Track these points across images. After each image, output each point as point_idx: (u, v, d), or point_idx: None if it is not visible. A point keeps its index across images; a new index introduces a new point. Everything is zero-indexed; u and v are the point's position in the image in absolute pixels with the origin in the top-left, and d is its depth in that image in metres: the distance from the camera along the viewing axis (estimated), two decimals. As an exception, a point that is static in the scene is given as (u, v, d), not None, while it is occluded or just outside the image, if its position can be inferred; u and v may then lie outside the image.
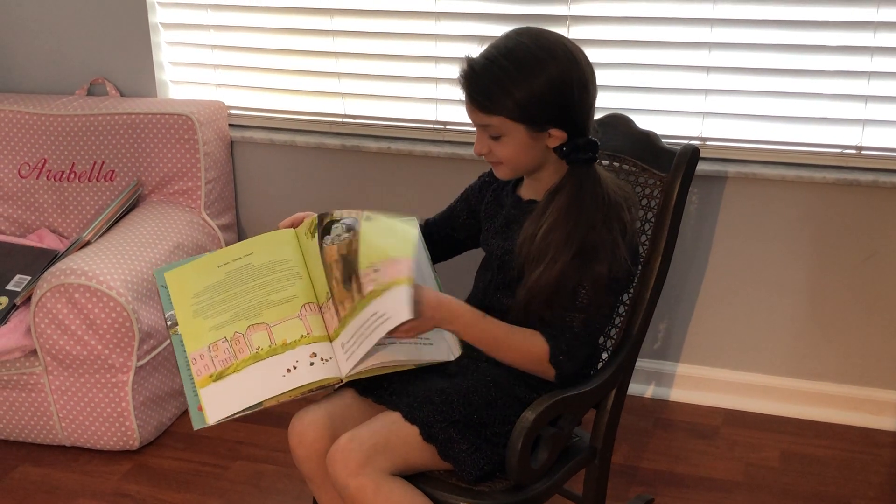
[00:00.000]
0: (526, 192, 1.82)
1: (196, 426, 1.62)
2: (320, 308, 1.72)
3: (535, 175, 1.77)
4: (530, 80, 1.63)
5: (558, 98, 1.66)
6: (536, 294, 1.67)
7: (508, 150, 1.70)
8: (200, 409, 1.63)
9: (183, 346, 1.68)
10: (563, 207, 1.68)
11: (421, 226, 1.98)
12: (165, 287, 1.74)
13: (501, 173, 1.77)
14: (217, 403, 1.63)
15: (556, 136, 1.69)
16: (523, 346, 1.69)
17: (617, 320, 1.89)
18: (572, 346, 1.69)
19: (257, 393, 1.64)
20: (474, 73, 1.67)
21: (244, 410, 1.63)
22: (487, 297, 1.83)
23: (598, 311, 1.69)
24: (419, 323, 1.61)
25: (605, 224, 1.67)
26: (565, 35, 1.74)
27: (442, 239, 1.97)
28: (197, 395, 1.64)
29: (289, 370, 1.66)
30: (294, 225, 1.84)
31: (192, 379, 1.65)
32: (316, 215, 1.78)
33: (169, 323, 1.70)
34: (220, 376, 1.65)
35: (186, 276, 1.76)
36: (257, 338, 1.68)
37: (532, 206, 1.75)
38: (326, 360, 1.68)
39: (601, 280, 1.66)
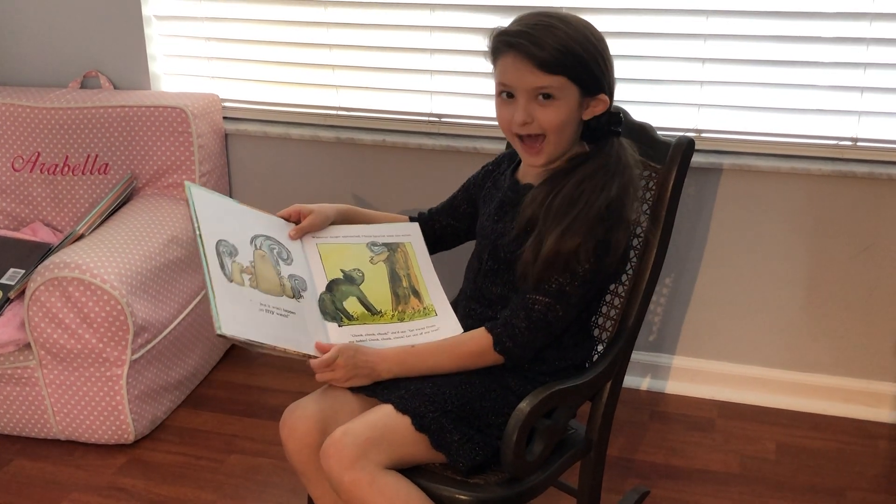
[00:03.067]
0: (524, 176, 1.82)
1: (217, 330, 1.60)
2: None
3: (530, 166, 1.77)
4: (585, 43, 1.66)
5: (604, 64, 1.70)
6: (552, 256, 1.64)
7: (559, 114, 1.68)
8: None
9: (205, 253, 1.69)
10: (591, 171, 1.70)
11: (423, 215, 1.99)
12: (192, 201, 1.76)
13: (543, 154, 1.73)
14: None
15: (603, 102, 1.72)
16: (464, 352, 1.73)
17: (612, 312, 1.89)
18: (522, 331, 1.69)
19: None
20: (532, 34, 1.65)
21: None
22: (477, 285, 1.83)
23: (565, 301, 1.68)
24: (342, 365, 1.68)
25: (621, 201, 1.69)
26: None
27: (443, 228, 1.98)
28: (216, 303, 1.63)
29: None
30: (291, 217, 1.87)
31: (212, 286, 1.65)
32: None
33: (197, 233, 1.72)
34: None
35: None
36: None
37: (527, 190, 1.75)
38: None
39: (606, 248, 1.66)
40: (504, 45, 1.68)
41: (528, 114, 1.70)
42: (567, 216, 1.65)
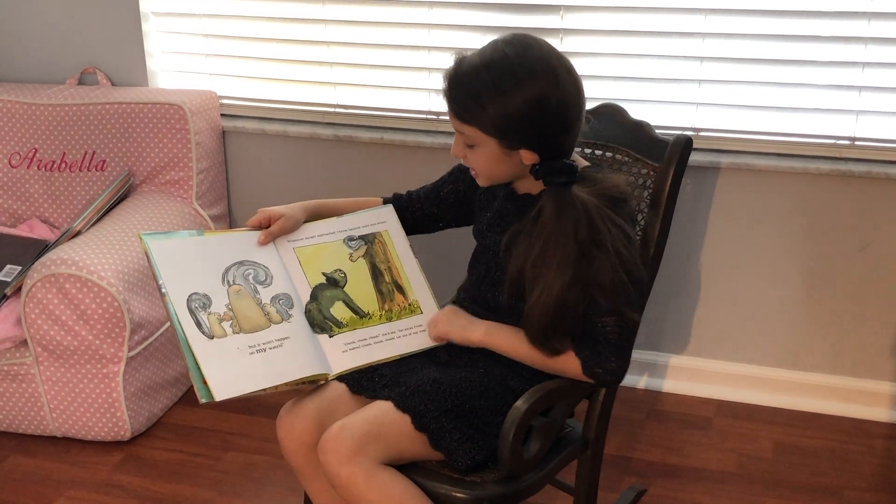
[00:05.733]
0: (521, 186, 1.78)
1: (202, 399, 1.61)
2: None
3: (522, 180, 1.75)
4: (505, 97, 1.60)
5: (532, 120, 1.62)
6: (537, 319, 1.64)
7: (480, 160, 1.69)
8: (205, 382, 1.62)
9: (177, 314, 1.66)
10: (547, 233, 1.63)
11: (401, 197, 1.98)
12: (152, 256, 1.70)
13: (479, 181, 1.76)
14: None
15: (528, 158, 1.66)
16: (555, 368, 1.71)
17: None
18: (606, 352, 1.67)
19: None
20: (456, 80, 1.65)
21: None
22: (481, 292, 1.82)
23: (628, 308, 1.65)
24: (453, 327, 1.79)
25: (594, 243, 1.62)
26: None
27: (425, 216, 1.96)
28: (199, 368, 1.62)
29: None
30: (261, 224, 1.83)
31: (192, 351, 1.63)
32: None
33: (162, 291, 1.67)
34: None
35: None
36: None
37: (526, 200, 1.73)
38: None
39: (609, 287, 1.63)
40: (443, 80, 1.68)
41: (459, 150, 1.72)
42: (530, 294, 1.64)
